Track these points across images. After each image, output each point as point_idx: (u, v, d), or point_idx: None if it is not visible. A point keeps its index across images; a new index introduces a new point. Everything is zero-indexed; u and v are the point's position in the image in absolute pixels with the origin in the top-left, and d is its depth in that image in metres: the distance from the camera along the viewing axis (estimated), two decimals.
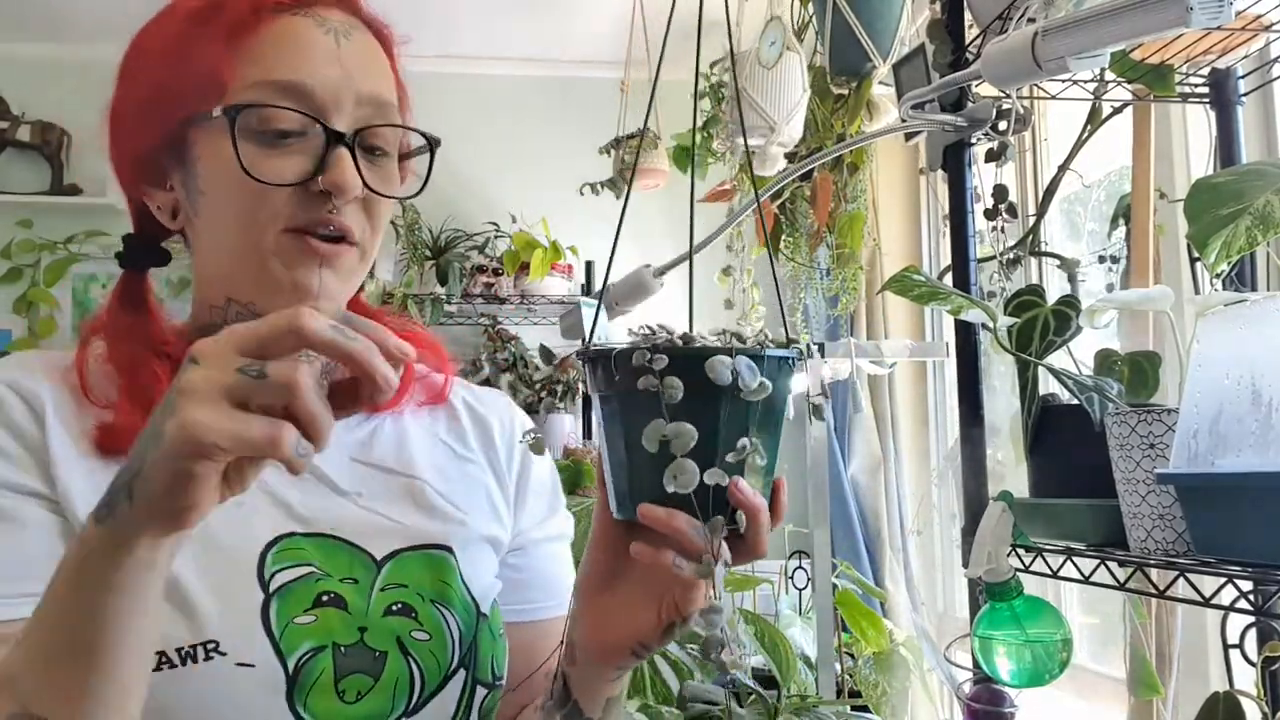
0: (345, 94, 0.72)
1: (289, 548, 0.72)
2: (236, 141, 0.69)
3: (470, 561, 0.79)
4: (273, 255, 0.72)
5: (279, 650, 0.68)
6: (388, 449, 0.81)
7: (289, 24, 0.72)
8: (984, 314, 1.00)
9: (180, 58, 0.73)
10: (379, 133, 0.75)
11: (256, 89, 0.70)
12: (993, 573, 1.02)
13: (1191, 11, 0.75)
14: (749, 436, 0.60)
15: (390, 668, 0.71)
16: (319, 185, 0.70)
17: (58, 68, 3.29)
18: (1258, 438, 0.74)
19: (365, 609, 0.72)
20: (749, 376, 0.58)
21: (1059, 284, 1.79)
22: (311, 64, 0.71)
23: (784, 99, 1.78)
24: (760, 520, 0.61)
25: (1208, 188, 0.85)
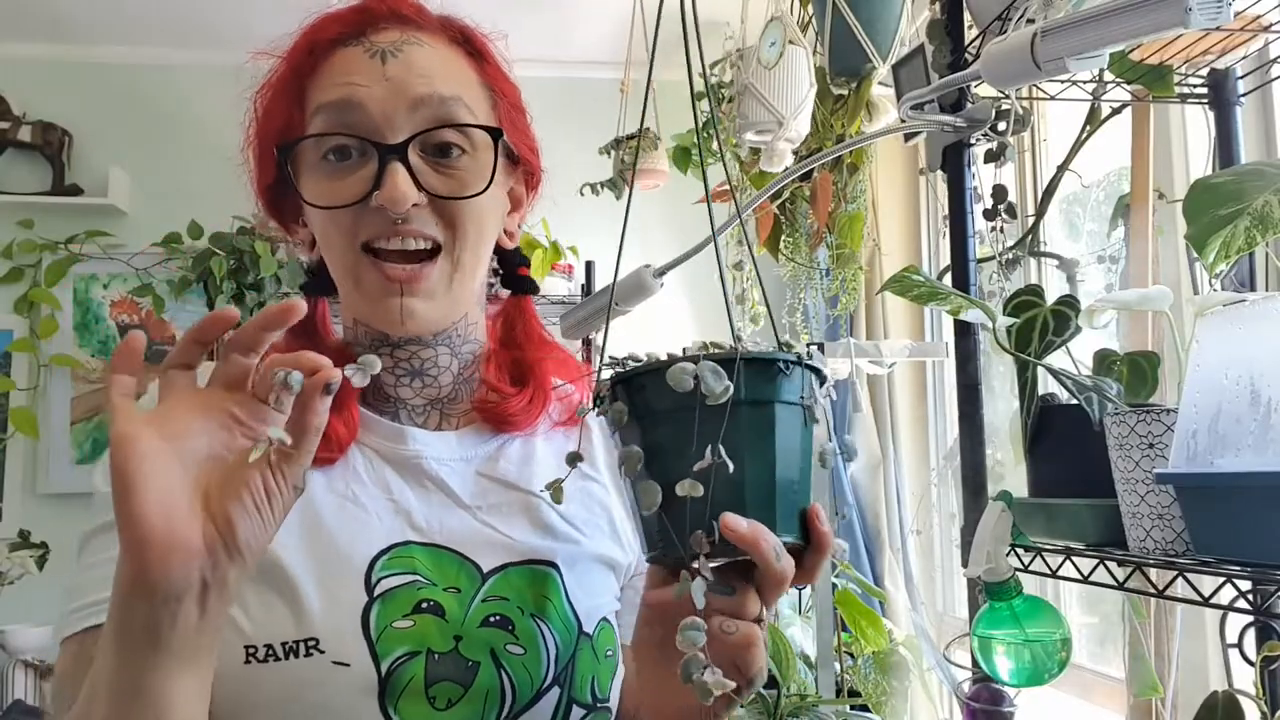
0: (395, 105, 0.74)
1: (401, 555, 0.74)
2: (301, 174, 0.75)
3: (578, 580, 0.79)
4: (356, 282, 0.76)
5: (374, 652, 0.70)
6: (512, 465, 0.82)
7: (340, 55, 0.76)
8: (983, 314, 1.00)
9: (267, 106, 0.79)
10: (443, 132, 0.75)
11: (315, 116, 0.75)
12: (992, 572, 1.02)
13: (1190, 12, 0.75)
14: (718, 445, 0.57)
15: (482, 678, 0.72)
16: (374, 202, 0.72)
17: (59, 68, 3.29)
18: (1256, 437, 0.75)
19: (462, 618, 0.73)
20: (712, 381, 0.56)
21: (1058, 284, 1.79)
22: (357, 86, 0.74)
23: (791, 94, 1.78)
24: (761, 551, 0.58)
25: (1206, 188, 0.85)
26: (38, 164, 3.23)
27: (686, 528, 0.58)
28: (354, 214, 0.74)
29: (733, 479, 0.57)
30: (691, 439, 0.57)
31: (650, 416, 0.60)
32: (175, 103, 3.30)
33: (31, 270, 3.22)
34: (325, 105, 0.74)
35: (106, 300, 3.24)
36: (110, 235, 3.22)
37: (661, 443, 0.59)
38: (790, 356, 0.60)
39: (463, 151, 0.76)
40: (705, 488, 0.56)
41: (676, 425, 0.58)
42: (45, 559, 2.87)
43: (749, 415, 0.58)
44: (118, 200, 3.19)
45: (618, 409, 0.60)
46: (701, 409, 0.56)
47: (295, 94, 0.77)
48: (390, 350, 0.80)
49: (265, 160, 0.79)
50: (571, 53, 3.33)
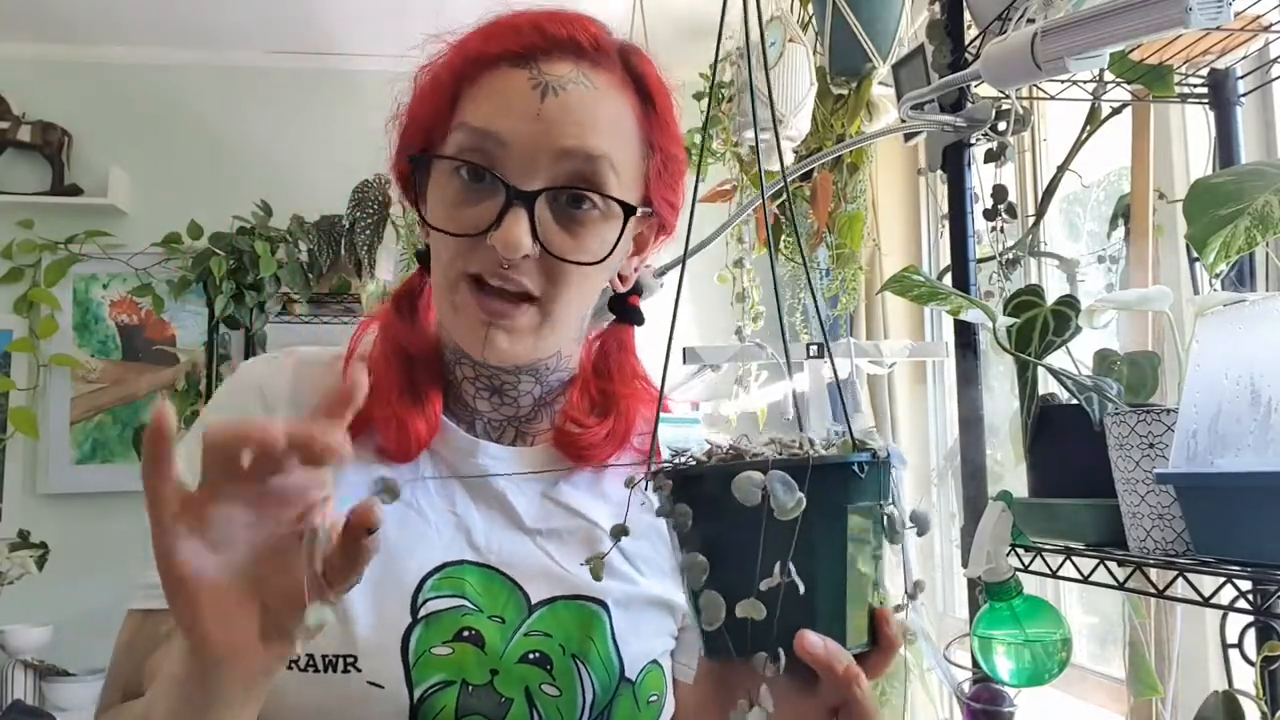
0: (541, 149, 0.71)
1: (452, 575, 0.73)
2: (430, 187, 0.74)
3: (629, 622, 0.77)
4: (450, 303, 0.74)
5: (410, 677, 0.69)
6: (580, 492, 0.80)
7: (503, 75, 0.72)
8: (983, 314, 1.00)
9: (421, 96, 0.77)
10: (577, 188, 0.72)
11: (459, 132, 0.73)
12: (992, 572, 1.02)
13: (1190, 12, 0.75)
14: (788, 563, 0.52)
15: (514, 715, 0.71)
16: (489, 241, 0.71)
17: (58, 68, 3.29)
18: (1257, 437, 0.75)
19: (502, 651, 0.72)
20: (783, 494, 0.51)
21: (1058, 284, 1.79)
22: (507, 116, 0.71)
23: (792, 91, 1.77)
24: (835, 673, 0.53)
25: (1207, 188, 0.85)
26: (37, 164, 3.23)
27: (748, 645, 0.53)
28: (467, 243, 0.72)
29: (802, 594, 0.52)
30: (757, 548, 0.52)
31: (711, 519, 0.55)
32: (175, 103, 3.29)
33: (31, 270, 3.21)
34: (472, 126, 0.72)
35: (106, 300, 3.23)
36: (110, 235, 3.22)
37: (724, 550, 0.54)
38: (865, 458, 0.55)
39: (594, 207, 0.73)
40: (771, 606, 0.52)
41: (741, 532, 0.53)
42: (45, 559, 2.87)
43: (821, 524, 0.53)
44: (117, 200, 3.19)
45: (681, 512, 0.56)
46: (769, 520, 0.51)
47: (450, 93, 0.74)
48: (472, 364, 0.79)
49: (404, 146, 0.78)
50: None
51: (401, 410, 0.76)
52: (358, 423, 0.69)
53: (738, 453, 0.56)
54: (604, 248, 0.74)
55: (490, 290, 0.72)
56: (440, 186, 0.74)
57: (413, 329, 0.81)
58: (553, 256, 0.72)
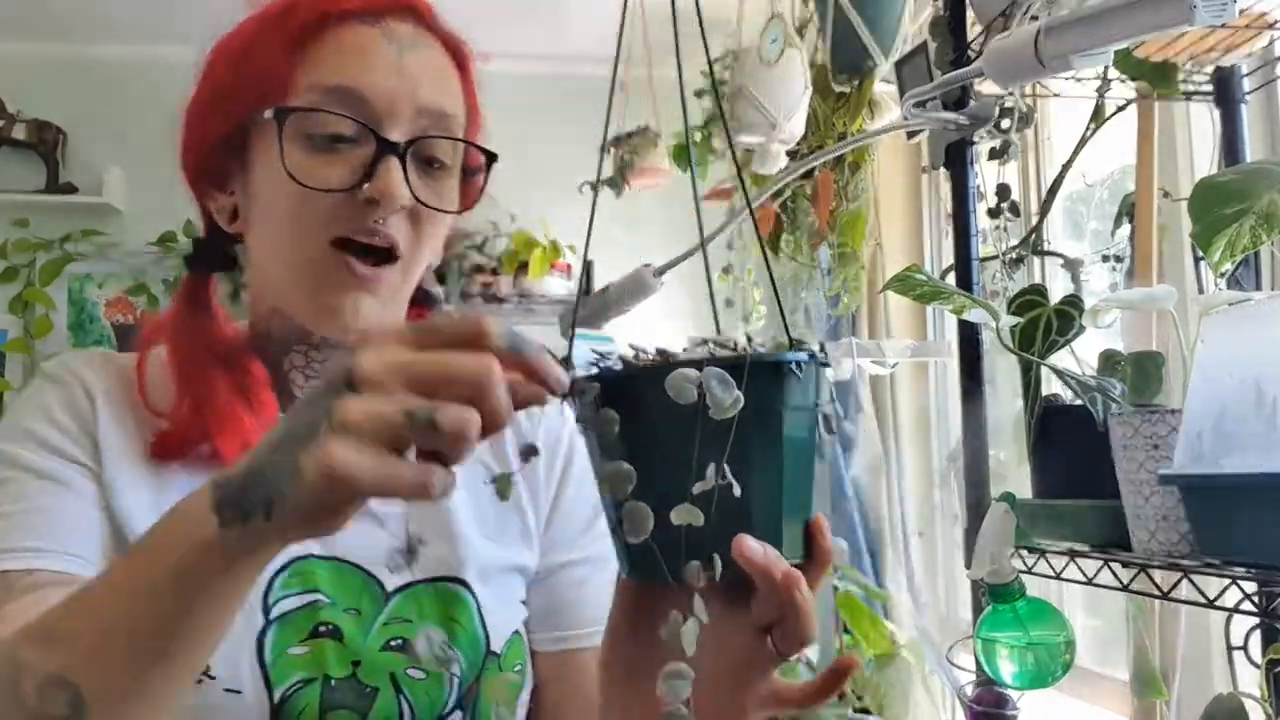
0: (403, 104, 0.71)
1: (301, 571, 0.71)
2: (284, 145, 0.69)
3: (491, 594, 0.76)
4: (311, 273, 0.71)
5: (268, 679, 0.67)
6: None
7: (354, 32, 0.72)
8: (986, 313, 0.99)
9: (246, 59, 0.74)
10: (436, 145, 0.73)
11: (313, 93, 0.70)
12: (995, 574, 1.01)
13: (1195, 9, 0.74)
14: (723, 465, 0.49)
15: (380, 705, 0.69)
16: (365, 193, 0.69)
17: (54, 66, 3.28)
18: (1262, 438, 0.74)
19: (362, 642, 0.71)
20: (720, 391, 0.48)
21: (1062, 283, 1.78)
22: (370, 72, 0.71)
23: (785, 96, 1.77)
24: (775, 581, 0.51)
25: (1212, 187, 0.85)
26: (32, 162, 3.22)
27: (680, 556, 0.50)
28: (335, 202, 0.70)
29: (737, 498, 0.50)
30: (688, 454, 0.49)
31: (639, 427, 0.52)
32: (170, 101, 3.28)
33: (26, 270, 3.21)
34: (328, 85, 0.70)
35: (101, 300, 3.23)
36: (105, 234, 3.21)
37: (653, 457, 0.52)
38: (802, 356, 0.53)
39: (443, 167, 0.74)
40: (705, 512, 0.49)
41: (672, 438, 0.50)
42: None
43: (756, 426, 0.51)
44: (112, 199, 3.18)
45: (607, 418, 0.52)
46: (703, 421, 0.49)
47: (289, 52, 0.72)
48: (305, 350, 0.76)
49: (228, 109, 0.74)
50: (571, 52, 3.33)
51: (240, 421, 0.73)
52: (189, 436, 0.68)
53: (665, 356, 0.53)
54: (455, 202, 0.76)
55: (356, 249, 0.70)
56: (292, 151, 0.69)
57: (216, 330, 0.78)
58: (426, 207, 0.72)
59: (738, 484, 0.49)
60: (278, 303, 0.75)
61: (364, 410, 0.44)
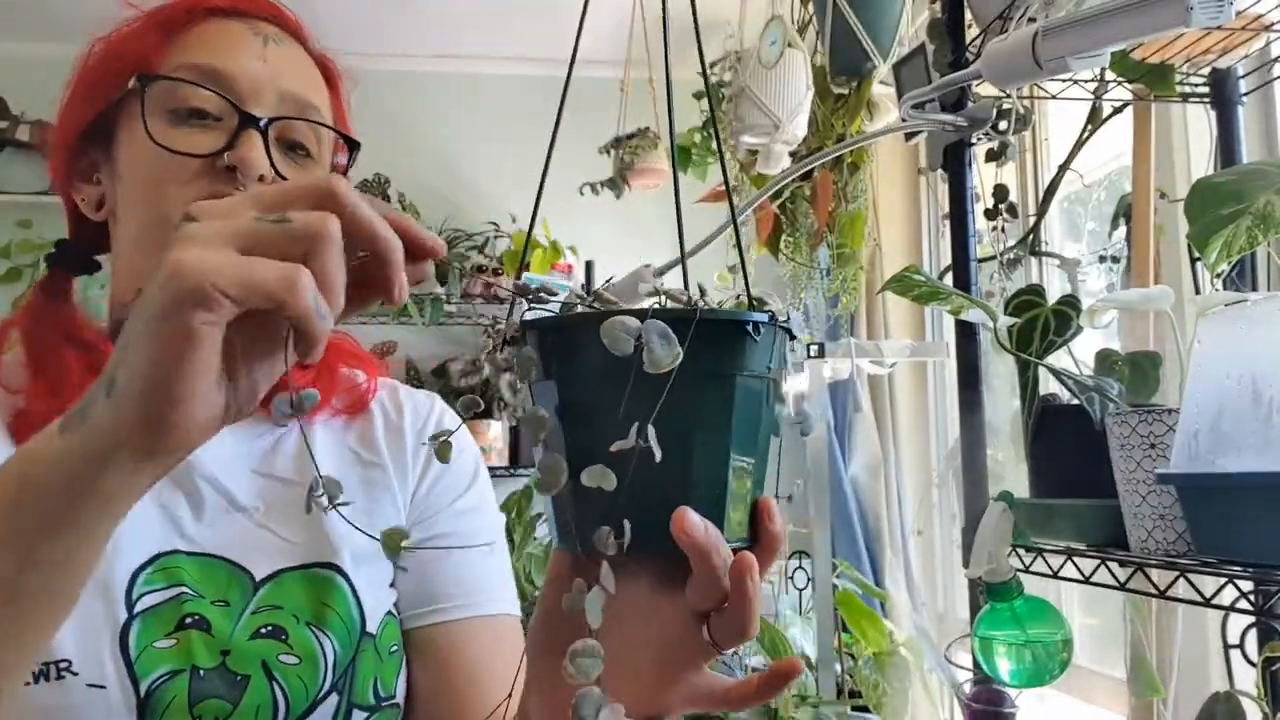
0: (266, 88, 0.73)
1: (166, 567, 0.70)
2: (147, 115, 0.70)
3: (365, 576, 0.75)
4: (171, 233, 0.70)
5: (133, 673, 0.66)
6: (289, 460, 0.77)
7: (221, 25, 0.75)
8: (984, 314, 1.00)
9: (116, 49, 0.76)
10: (297, 129, 0.75)
11: (178, 72, 0.72)
12: (993, 573, 1.01)
13: (1191, 11, 0.75)
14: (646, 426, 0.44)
15: (252, 692, 0.68)
16: (224, 161, 0.70)
17: (57, 68, 3.26)
18: (1258, 438, 0.74)
19: (230, 632, 0.70)
20: (659, 347, 0.44)
21: (1059, 284, 1.78)
22: (236, 56, 0.73)
23: (787, 97, 1.78)
24: (714, 563, 0.47)
25: (1208, 187, 0.85)
26: (36, 164, 3.22)
27: (596, 518, 0.46)
28: (193, 170, 0.70)
29: (677, 467, 0.46)
30: (618, 409, 0.45)
31: (570, 374, 0.48)
32: None
33: (30, 270, 3.21)
34: (193, 64, 0.72)
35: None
36: None
37: (580, 410, 0.47)
38: (761, 317, 0.48)
39: (308, 155, 0.76)
40: (622, 475, 0.44)
41: (603, 391, 0.46)
42: None
43: (703, 390, 0.47)
44: None
45: (525, 357, 0.48)
46: (638, 376, 0.44)
47: (157, 41, 0.74)
48: None
49: (95, 95, 0.75)
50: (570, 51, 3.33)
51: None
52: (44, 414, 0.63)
53: (603, 299, 0.49)
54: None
55: None
56: (156, 123, 0.71)
57: (73, 318, 0.78)
58: (284, 180, 0.72)
59: (679, 456, 0.45)
60: (141, 283, 0.74)
61: (207, 224, 0.43)
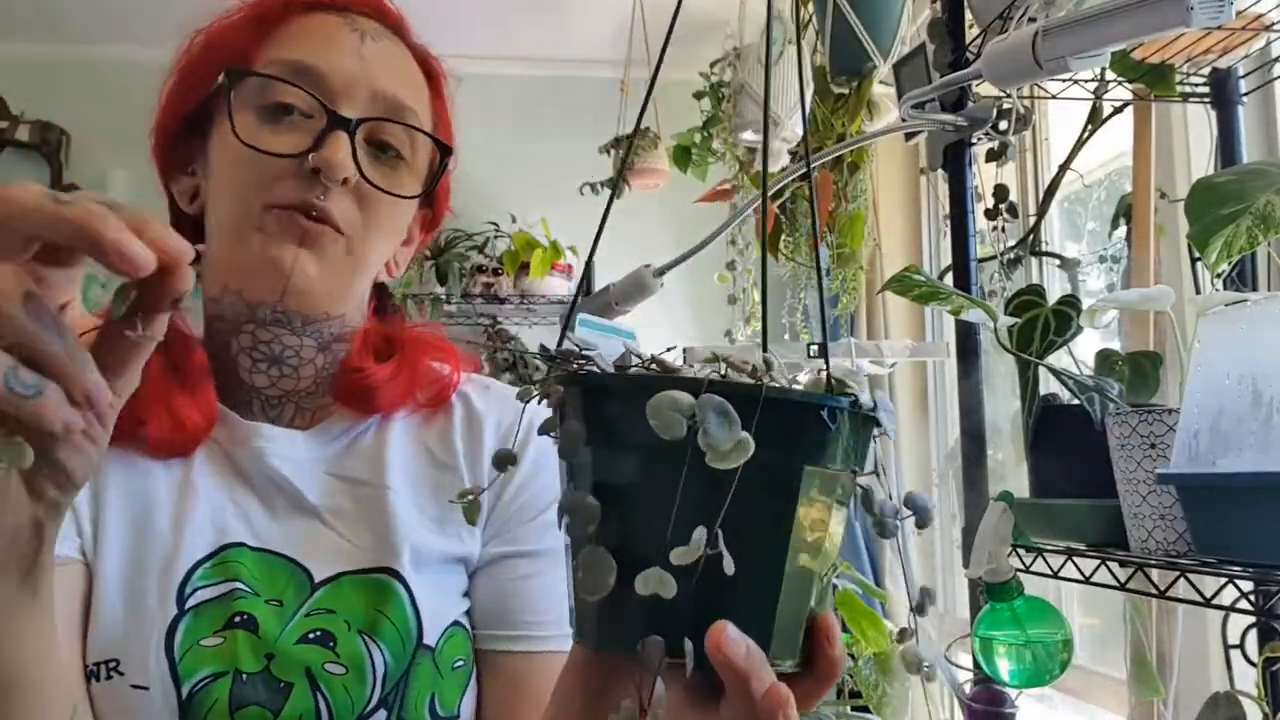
0: (359, 86, 0.72)
1: (226, 561, 0.69)
2: (235, 111, 0.69)
3: (427, 583, 0.72)
4: (255, 230, 0.70)
5: (175, 674, 0.64)
6: (363, 459, 0.76)
7: (319, 19, 0.74)
8: (984, 314, 1.00)
9: (214, 42, 0.75)
10: (389, 130, 0.73)
11: (271, 66, 0.71)
12: (993, 573, 1.01)
13: (1192, 11, 0.75)
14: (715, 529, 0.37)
15: (294, 701, 0.65)
16: (309, 162, 0.69)
17: (57, 68, 3.28)
18: (1259, 438, 0.74)
19: (277, 634, 0.67)
20: (717, 430, 0.36)
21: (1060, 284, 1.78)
22: (330, 53, 0.72)
23: (787, 94, 1.78)
24: (750, 691, 0.39)
25: (1208, 187, 0.85)
26: (36, 163, 3.22)
27: (641, 631, 0.39)
28: (279, 168, 0.69)
29: (723, 571, 0.38)
30: (670, 498, 0.38)
31: (616, 452, 0.40)
32: None
33: None
34: (285, 60, 0.71)
35: (105, 300, 3.24)
36: None
37: (626, 497, 0.40)
38: (840, 402, 0.40)
39: (399, 158, 0.74)
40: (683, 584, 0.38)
41: (655, 478, 0.39)
42: None
43: (763, 483, 0.39)
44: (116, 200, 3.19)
45: (571, 433, 0.41)
46: (694, 460, 0.37)
47: (253, 34, 0.73)
48: (252, 330, 0.73)
49: (192, 88, 0.74)
50: (571, 52, 3.33)
51: (172, 400, 0.70)
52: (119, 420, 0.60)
53: (664, 366, 0.41)
54: (416, 185, 0.76)
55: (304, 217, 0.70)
56: (247, 123, 0.70)
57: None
58: (371, 184, 0.72)
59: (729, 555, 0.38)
60: (228, 278, 0.73)
61: None
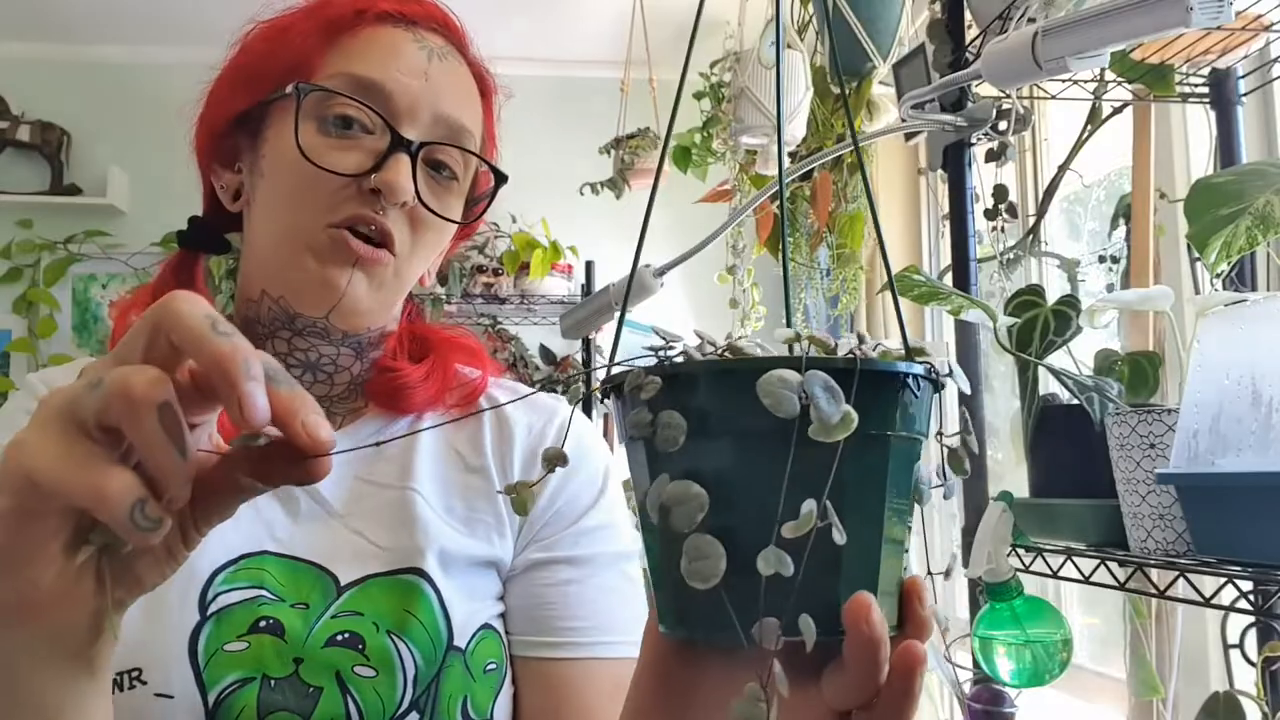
0: (423, 107, 0.72)
1: (249, 567, 0.68)
2: (300, 122, 0.69)
3: (456, 585, 0.71)
4: (309, 248, 0.70)
5: (201, 680, 0.63)
6: (392, 462, 0.75)
7: (387, 32, 0.73)
8: (984, 314, 1.00)
9: (278, 41, 0.73)
10: (448, 153, 0.73)
11: (337, 79, 0.70)
12: (993, 573, 1.01)
13: (1191, 12, 0.75)
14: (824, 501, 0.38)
15: (324, 705, 0.64)
16: (370, 183, 0.69)
17: (58, 68, 3.29)
18: (1258, 438, 0.74)
19: (304, 638, 0.66)
20: (827, 405, 0.37)
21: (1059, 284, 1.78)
22: (397, 70, 0.71)
23: (787, 97, 1.78)
24: (878, 656, 0.40)
25: (1208, 188, 0.85)
26: (36, 163, 3.23)
27: (757, 608, 0.38)
28: (339, 186, 0.69)
29: (829, 544, 0.39)
30: (774, 481, 0.38)
31: (709, 440, 0.40)
32: (174, 102, 3.28)
33: (30, 270, 3.21)
34: (352, 75, 0.70)
35: (105, 300, 3.23)
36: (109, 235, 3.21)
37: (722, 482, 0.40)
38: (920, 369, 0.42)
39: (454, 177, 0.75)
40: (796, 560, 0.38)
41: (755, 459, 0.39)
42: None
43: (858, 453, 0.39)
44: (117, 200, 3.19)
45: (669, 423, 0.40)
46: (800, 442, 0.38)
47: (320, 40, 0.72)
48: (289, 338, 0.74)
49: (251, 85, 0.73)
50: (571, 52, 3.33)
51: None
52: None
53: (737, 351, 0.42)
54: (460, 209, 0.76)
55: (358, 237, 0.70)
56: (307, 130, 0.69)
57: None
58: (428, 210, 0.72)
59: (826, 527, 0.38)
60: (268, 285, 0.73)
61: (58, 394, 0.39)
